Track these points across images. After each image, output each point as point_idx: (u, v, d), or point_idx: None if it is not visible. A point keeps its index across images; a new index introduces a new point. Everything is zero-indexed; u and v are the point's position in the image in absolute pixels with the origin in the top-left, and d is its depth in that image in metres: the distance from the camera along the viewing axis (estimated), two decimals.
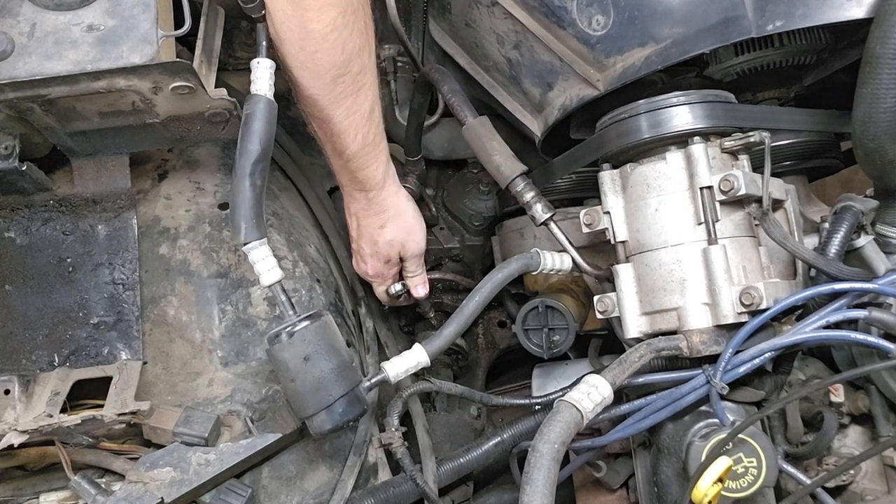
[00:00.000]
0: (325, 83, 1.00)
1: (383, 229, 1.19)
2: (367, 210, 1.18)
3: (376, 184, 1.14)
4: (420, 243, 1.23)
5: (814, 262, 0.95)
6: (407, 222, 1.20)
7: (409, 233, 1.21)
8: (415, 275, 1.27)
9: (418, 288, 1.28)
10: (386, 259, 1.22)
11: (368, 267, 1.24)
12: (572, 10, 1.02)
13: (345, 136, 1.07)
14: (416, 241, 1.22)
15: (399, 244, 1.21)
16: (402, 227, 1.20)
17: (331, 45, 0.96)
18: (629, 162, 1.05)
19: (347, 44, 0.97)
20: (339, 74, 0.99)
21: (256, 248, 0.92)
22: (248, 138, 0.92)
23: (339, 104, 1.03)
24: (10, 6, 0.87)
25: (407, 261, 1.25)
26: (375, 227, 1.19)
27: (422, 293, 1.29)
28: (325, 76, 0.99)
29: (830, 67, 1.12)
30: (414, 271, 1.27)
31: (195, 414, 1.00)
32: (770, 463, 0.87)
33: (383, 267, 1.24)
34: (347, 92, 1.02)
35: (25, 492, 0.99)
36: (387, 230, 1.19)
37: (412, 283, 1.28)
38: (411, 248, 1.22)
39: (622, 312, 1.04)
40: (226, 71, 1.27)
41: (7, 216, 1.05)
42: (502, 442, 1.17)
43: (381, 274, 1.25)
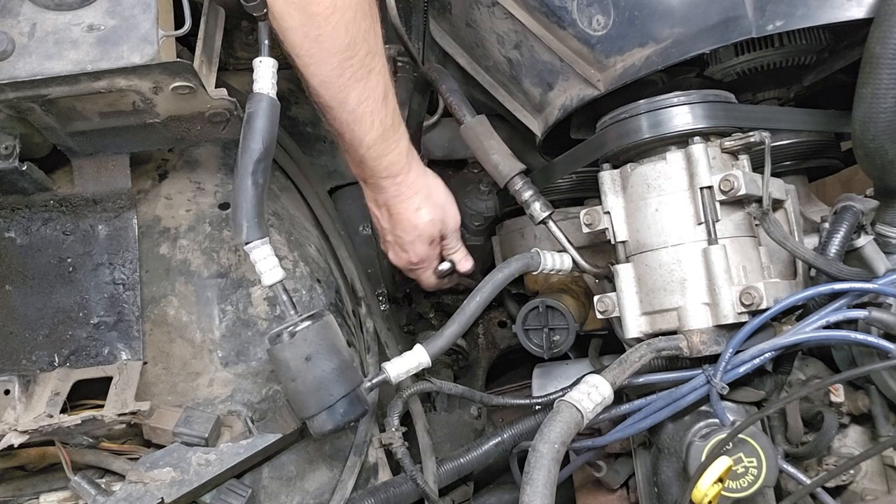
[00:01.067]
0: (333, 68, 0.98)
1: (420, 211, 1.15)
2: (399, 196, 1.14)
3: (402, 167, 1.12)
4: (457, 216, 1.20)
5: (814, 262, 0.95)
6: (441, 198, 1.18)
7: (445, 208, 1.18)
8: (456, 249, 1.24)
9: (463, 262, 1.25)
10: (430, 240, 1.18)
11: (411, 254, 1.19)
12: (572, 10, 1.03)
13: (362, 122, 1.04)
14: (453, 215, 1.20)
15: (439, 221, 1.18)
16: (438, 204, 1.17)
17: (333, 27, 0.94)
18: (629, 162, 1.05)
19: (351, 25, 0.96)
20: (345, 58, 0.97)
21: (258, 247, 0.92)
22: (251, 137, 0.92)
23: (350, 89, 1.00)
24: (11, 6, 0.87)
25: (448, 237, 1.21)
26: (411, 210, 1.15)
27: (468, 266, 1.25)
28: (331, 60, 0.97)
29: (830, 67, 1.12)
30: (454, 246, 1.24)
31: (195, 414, 1.00)
32: (770, 463, 0.87)
33: (428, 249, 1.20)
34: (357, 76, 1.00)
35: (25, 492, 0.99)
36: (423, 211, 1.15)
37: (457, 258, 1.24)
38: (451, 223, 1.20)
39: (622, 312, 1.04)
40: (226, 71, 1.27)
41: (7, 216, 1.05)
42: (502, 442, 1.17)
43: (427, 257, 1.21)
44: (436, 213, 1.16)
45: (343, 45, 0.96)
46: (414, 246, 1.18)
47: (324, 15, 0.93)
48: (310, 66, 0.97)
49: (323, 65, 0.97)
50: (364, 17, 0.98)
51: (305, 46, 0.96)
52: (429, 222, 1.16)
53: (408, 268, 1.24)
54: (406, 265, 1.23)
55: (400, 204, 1.15)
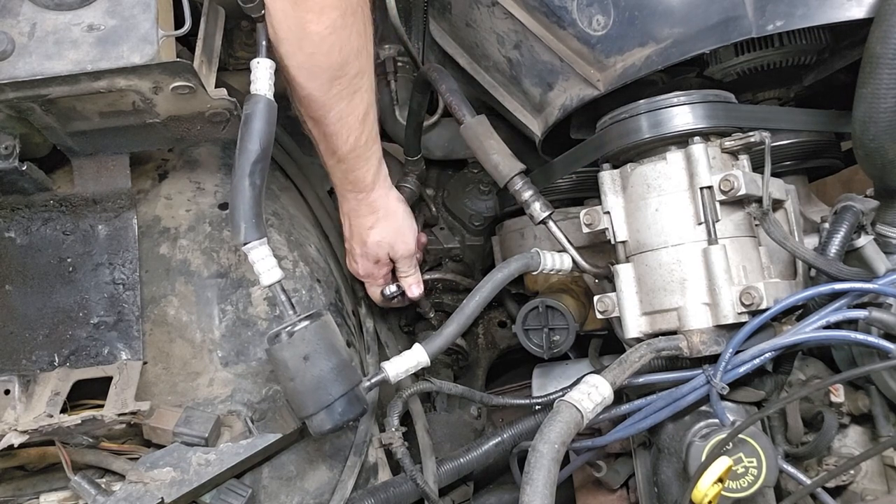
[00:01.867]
0: (322, 84, 1.00)
1: (372, 230, 1.19)
2: (358, 210, 1.18)
3: (367, 185, 1.15)
4: (409, 244, 1.23)
5: (814, 262, 0.95)
6: (396, 223, 1.21)
7: (397, 234, 1.21)
8: (408, 275, 1.27)
9: (412, 288, 1.28)
10: (375, 259, 1.23)
11: (359, 267, 1.25)
12: (572, 10, 1.03)
13: (337, 137, 1.07)
14: (405, 242, 1.22)
15: (388, 245, 1.21)
16: (392, 228, 1.20)
17: (329, 46, 0.96)
18: (629, 162, 1.05)
19: (345, 46, 0.97)
20: (335, 76, 1.00)
21: (256, 247, 0.92)
22: (248, 138, 0.92)
23: (333, 106, 1.03)
24: (11, 6, 0.87)
25: (398, 262, 1.25)
26: (365, 227, 1.19)
27: (416, 293, 1.29)
28: (321, 77, 0.99)
29: (830, 67, 1.12)
30: (406, 271, 1.27)
31: (195, 414, 1.00)
32: (770, 463, 0.87)
33: (373, 267, 1.24)
34: (343, 94, 1.02)
35: (25, 492, 0.99)
36: (375, 231, 1.19)
37: (406, 284, 1.28)
38: (400, 250, 1.23)
39: (622, 312, 1.04)
40: (226, 71, 1.27)
41: (7, 216, 1.05)
42: (502, 442, 1.17)
43: (372, 274, 1.26)
44: (386, 236, 1.20)
45: (335, 65, 0.99)
46: (362, 260, 1.24)
47: (321, 35, 0.95)
48: (299, 77, 0.99)
49: (313, 80, 1.00)
50: (358, 37, 0.99)
51: (299, 59, 0.97)
52: (375, 243, 1.20)
53: (357, 278, 1.30)
54: (355, 275, 1.29)
55: (356, 218, 1.20)
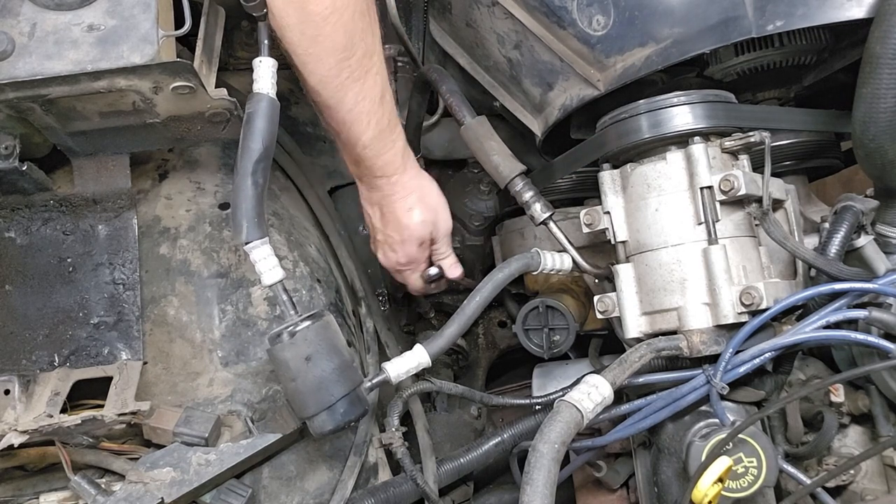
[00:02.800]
0: (331, 68, 0.98)
1: (412, 211, 1.15)
2: (392, 195, 1.14)
3: (397, 168, 1.12)
4: (448, 221, 1.20)
5: (814, 262, 0.95)
6: (434, 201, 1.18)
7: (437, 211, 1.18)
8: (446, 255, 1.24)
9: (452, 268, 1.25)
10: (420, 241, 1.18)
11: (400, 254, 1.19)
12: (572, 10, 1.03)
13: (359, 122, 1.05)
14: (445, 220, 1.20)
15: (431, 223, 1.18)
16: (431, 206, 1.17)
17: (332, 27, 0.95)
18: (629, 162, 1.05)
19: (349, 25, 0.96)
20: (343, 58, 0.98)
21: (258, 247, 0.92)
22: (251, 137, 0.92)
23: (347, 89, 1.01)
24: (11, 6, 0.87)
25: (438, 241, 1.21)
26: (404, 210, 1.15)
27: (457, 272, 1.25)
28: (328, 60, 0.97)
29: (830, 67, 1.12)
30: (444, 252, 1.24)
31: (195, 414, 1.00)
32: (770, 463, 0.87)
33: (417, 251, 1.20)
34: (355, 76, 1.00)
35: (25, 492, 0.99)
36: (416, 211, 1.15)
37: (446, 264, 1.24)
38: (442, 227, 1.20)
39: (622, 312, 1.04)
40: (226, 71, 1.27)
41: (7, 216, 1.05)
42: (502, 442, 1.17)
43: (416, 259, 1.21)
44: (428, 214, 1.17)
45: (341, 45, 0.97)
46: (403, 246, 1.19)
47: (322, 15, 0.93)
48: (307, 64, 0.98)
49: (321, 64, 0.98)
50: (362, 17, 0.98)
51: (303, 45, 0.96)
52: (420, 223, 1.16)
53: (396, 269, 1.24)
54: (394, 266, 1.23)
55: (392, 203, 1.15)
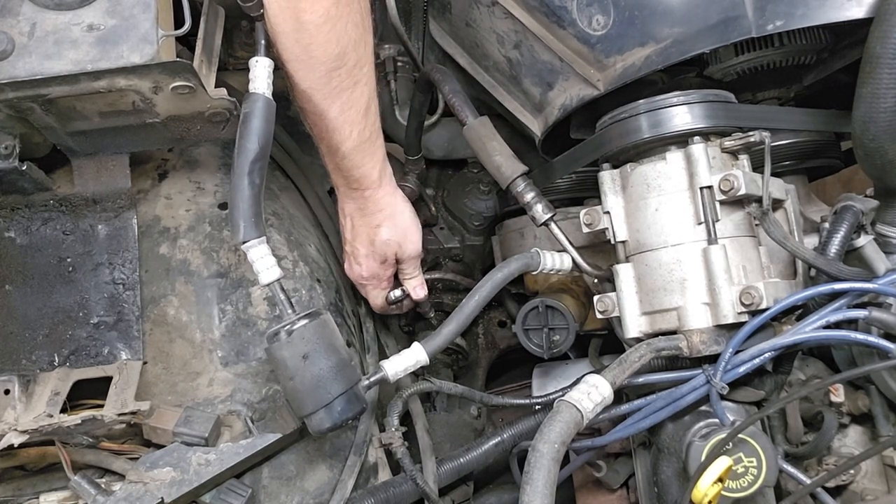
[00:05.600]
0: (321, 76, 0.99)
1: (379, 228, 1.17)
2: (363, 209, 1.16)
3: (372, 182, 1.13)
4: (416, 244, 1.21)
5: (814, 261, 0.95)
6: (404, 222, 1.19)
7: (405, 233, 1.19)
8: (412, 277, 1.25)
9: (417, 289, 1.26)
10: (382, 259, 1.20)
11: (363, 268, 1.21)
12: (572, 9, 1.03)
13: (340, 132, 1.06)
14: (412, 242, 1.20)
15: (396, 244, 1.19)
16: (399, 226, 1.18)
17: (325, 36, 0.95)
18: (629, 162, 1.05)
19: (342, 36, 0.97)
20: (334, 67, 0.99)
21: (255, 246, 0.92)
22: (247, 137, 0.92)
23: (334, 99, 1.02)
24: (11, 6, 0.87)
25: (403, 262, 1.23)
26: (371, 226, 1.17)
27: (421, 294, 1.27)
28: (319, 69, 0.98)
29: (830, 67, 1.12)
30: (411, 273, 1.25)
31: (195, 414, 1.00)
32: (770, 463, 0.87)
33: (379, 268, 1.21)
34: (343, 86, 1.01)
35: (25, 492, 0.99)
36: (383, 229, 1.17)
37: (410, 286, 1.26)
38: (408, 249, 1.20)
39: (622, 312, 1.04)
40: (226, 71, 1.27)
41: (7, 216, 1.05)
42: (502, 442, 1.17)
43: (377, 275, 1.23)
44: (395, 234, 1.18)
45: (333, 55, 0.98)
46: (367, 261, 1.20)
47: (316, 24, 0.94)
48: (299, 71, 0.99)
49: (311, 72, 0.99)
50: (355, 28, 0.99)
51: (296, 53, 0.97)
52: (383, 242, 1.18)
53: (358, 282, 1.25)
54: (356, 279, 1.25)
55: (362, 217, 1.17)
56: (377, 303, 1.28)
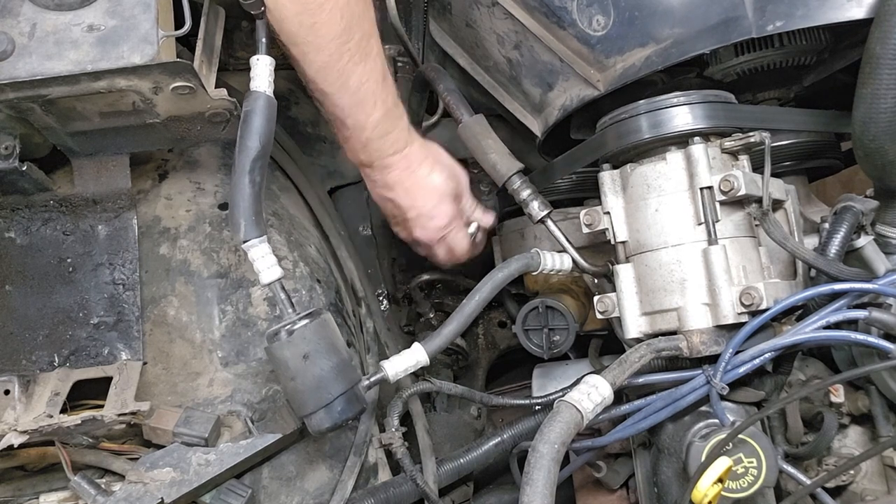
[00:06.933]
0: (332, 54, 0.98)
1: (432, 174, 1.16)
2: (409, 168, 1.14)
3: (407, 140, 1.13)
4: (464, 174, 1.22)
5: (814, 262, 0.95)
6: (446, 159, 1.19)
7: (453, 167, 1.20)
8: (475, 207, 1.25)
9: (486, 216, 1.26)
10: (454, 195, 1.19)
11: (440, 217, 1.17)
12: (572, 10, 1.03)
13: (364, 104, 1.05)
14: (461, 173, 1.21)
15: (454, 176, 1.19)
16: (446, 164, 1.18)
17: (328, 14, 0.95)
18: (629, 162, 1.05)
19: (345, 10, 0.96)
20: (342, 42, 0.98)
21: (256, 245, 0.92)
22: (248, 135, 0.92)
23: (350, 73, 1.01)
24: (11, 6, 0.87)
25: (463, 195, 1.22)
26: (425, 176, 1.15)
27: (491, 218, 1.27)
28: (329, 47, 0.98)
29: (830, 68, 1.12)
30: (471, 204, 1.25)
31: (195, 414, 1.00)
32: (770, 463, 0.87)
33: (454, 207, 1.19)
34: (356, 60, 1.01)
35: (25, 492, 0.99)
36: (436, 172, 1.16)
37: (478, 215, 1.25)
38: (463, 180, 1.21)
39: (622, 313, 1.04)
40: (226, 71, 1.27)
41: (7, 216, 1.05)
42: (502, 442, 1.17)
43: (458, 215, 1.20)
44: (448, 171, 1.18)
45: (339, 31, 0.97)
46: (440, 208, 1.18)
47: (318, 3, 0.94)
48: (308, 54, 0.98)
49: (321, 52, 0.98)
50: (357, 2, 0.99)
51: (302, 35, 0.96)
52: (445, 181, 1.17)
53: (439, 235, 1.21)
54: (437, 233, 1.20)
55: (412, 175, 1.15)
56: (464, 244, 1.24)
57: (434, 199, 1.17)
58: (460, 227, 1.21)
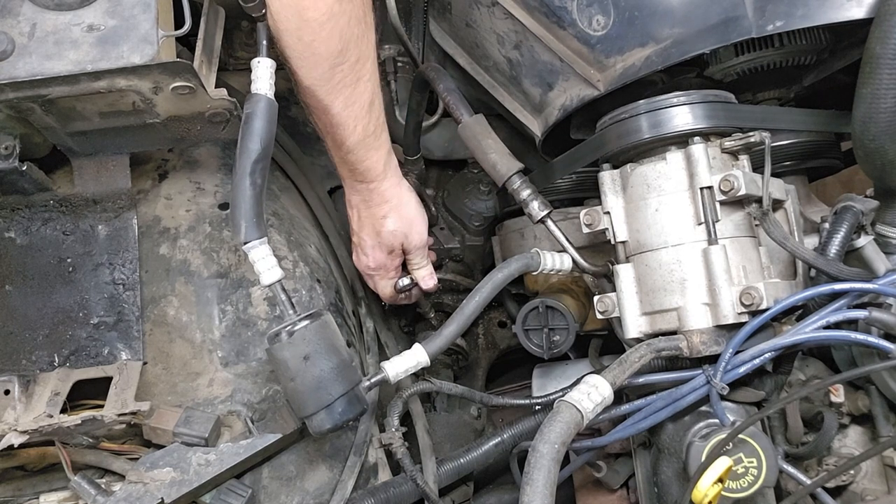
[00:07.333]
0: (324, 72, 1.00)
1: (385, 219, 1.18)
2: (369, 201, 1.17)
3: (377, 175, 1.14)
4: (422, 234, 1.22)
5: (814, 262, 0.95)
6: (409, 213, 1.19)
7: (411, 223, 1.20)
8: (420, 266, 1.26)
9: (426, 279, 1.26)
10: (389, 249, 1.20)
11: (370, 259, 1.22)
12: (572, 10, 1.03)
13: (344, 127, 1.07)
14: (418, 232, 1.21)
15: (402, 234, 1.19)
16: (405, 217, 1.19)
17: (327, 33, 0.96)
18: (629, 162, 1.05)
19: (345, 32, 0.97)
20: (336, 63, 1.00)
21: (256, 247, 0.92)
22: (249, 137, 0.92)
23: (337, 94, 1.03)
24: (11, 6, 0.87)
25: (410, 253, 1.23)
26: (377, 217, 1.18)
27: (430, 284, 1.27)
28: (322, 65, 0.99)
29: (830, 68, 1.12)
30: (419, 263, 1.25)
31: (195, 414, 1.00)
32: (770, 463, 0.87)
33: (386, 258, 1.22)
34: (346, 82, 1.02)
35: (25, 492, 0.99)
36: (389, 220, 1.18)
37: (419, 276, 1.26)
38: (414, 240, 1.21)
39: (622, 312, 1.04)
40: (226, 71, 1.27)
41: (7, 216, 1.05)
42: (502, 442, 1.17)
43: (384, 266, 1.23)
44: (401, 225, 1.19)
45: (335, 51, 0.98)
46: (374, 252, 1.21)
47: (319, 21, 0.95)
48: (302, 68, 0.99)
49: (315, 69, 0.99)
50: (357, 24, 0.99)
51: (299, 49, 0.97)
52: (391, 232, 1.19)
53: (366, 273, 1.26)
54: (364, 270, 1.25)
55: (369, 209, 1.18)
56: (386, 292, 1.28)
57: (373, 241, 1.20)
58: (386, 277, 1.25)
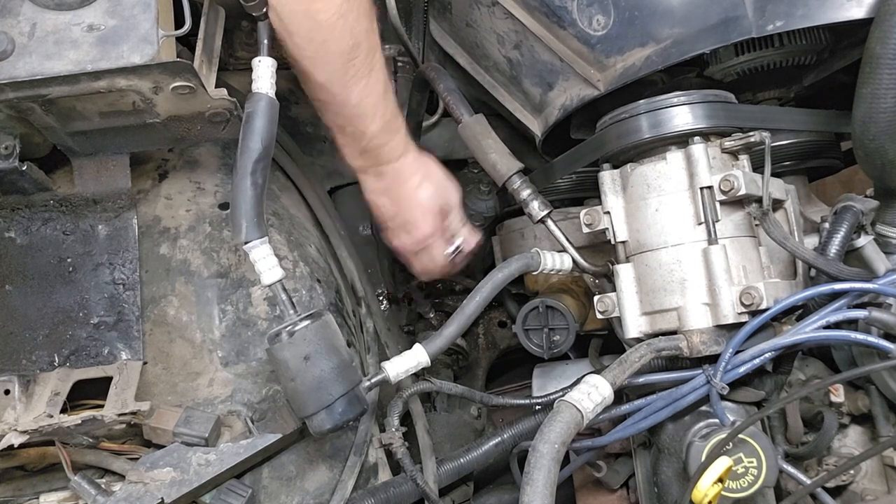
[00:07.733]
0: (338, 68, 1.00)
1: (420, 188, 1.16)
2: (399, 177, 1.15)
3: (402, 152, 1.14)
4: (457, 192, 1.21)
5: (814, 262, 0.95)
6: (439, 175, 1.19)
7: (444, 184, 1.19)
8: (461, 226, 1.24)
9: (470, 237, 1.24)
10: (440, 211, 1.19)
11: (419, 231, 1.18)
12: (573, 10, 1.03)
13: (364, 117, 1.06)
14: (452, 190, 1.21)
15: (441, 196, 1.18)
16: (436, 179, 1.18)
17: (339, 31, 0.96)
18: (629, 162, 1.05)
19: (355, 27, 0.98)
20: (349, 59, 1.00)
21: (257, 246, 0.92)
22: (250, 137, 0.92)
23: (353, 87, 1.03)
24: (11, 6, 0.87)
25: (451, 212, 1.21)
26: (413, 188, 1.16)
27: (475, 240, 1.25)
28: (336, 62, 0.99)
29: (830, 67, 1.12)
30: (459, 223, 1.24)
31: (195, 414, 1.00)
32: (770, 463, 0.87)
33: (434, 224, 1.19)
34: (361, 73, 1.02)
35: (25, 492, 0.99)
36: (424, 187, 1.16)
37: (464, 233, 1.24)
38: (452, 198, 1.20)
39: (622, 312, 1.04)
40: (226, 71, 1.26)
41: (7, 216, 1.05)
42: (502, 442, 1.17)
43: (434, 232, 1.20)
44: (436, 188, 1.18)
45: (347, 48, 0.99)
46: (425, 219, 1.18)
47: (331, 21, 0.95)
48: (315, 66, 0.99)
49: (328, 66, 0.99)
50: (365, 17, 1.00)
51: (311, 50, 0.97)
52: (431, 196, 1.17)
53: (417, 247, 1.21)
54: (415, 245, 1.21)
55: (402, 185, 1.16)
56: (439, 262, 1.24)
57: (417, 212, 1.18)
58: (439, 242, 1.22)
